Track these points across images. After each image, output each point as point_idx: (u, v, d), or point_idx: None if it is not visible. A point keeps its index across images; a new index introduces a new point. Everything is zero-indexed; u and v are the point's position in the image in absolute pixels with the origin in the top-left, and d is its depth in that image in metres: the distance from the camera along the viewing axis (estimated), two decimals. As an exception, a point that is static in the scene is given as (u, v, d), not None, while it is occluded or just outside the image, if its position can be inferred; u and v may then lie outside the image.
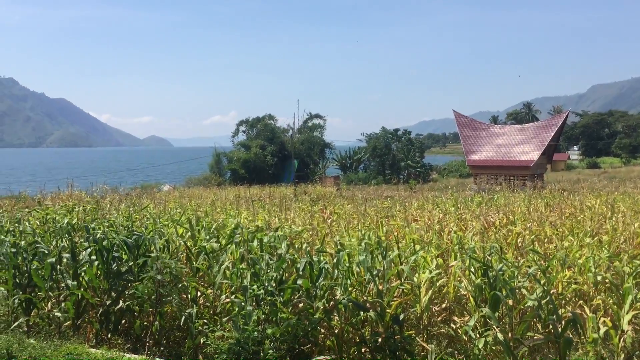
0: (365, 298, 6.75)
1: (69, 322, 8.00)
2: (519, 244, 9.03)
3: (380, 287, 6.50)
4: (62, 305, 7.99)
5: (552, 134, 43.32)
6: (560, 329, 5.70)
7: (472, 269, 6.61)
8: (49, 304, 8.44)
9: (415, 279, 6.87)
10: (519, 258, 7.88)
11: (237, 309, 6.44)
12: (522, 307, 6.10)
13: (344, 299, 6.33)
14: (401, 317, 6.40)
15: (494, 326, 5.75)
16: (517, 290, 6.10)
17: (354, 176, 64.09)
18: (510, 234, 9.63)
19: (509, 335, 5.85)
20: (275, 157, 62.69)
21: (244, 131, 68.44)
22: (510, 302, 5.96)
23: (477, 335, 5.86)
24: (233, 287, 7.12)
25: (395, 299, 6.56)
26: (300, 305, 6.71)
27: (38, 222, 10.38)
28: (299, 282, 6.50)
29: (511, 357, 5.60)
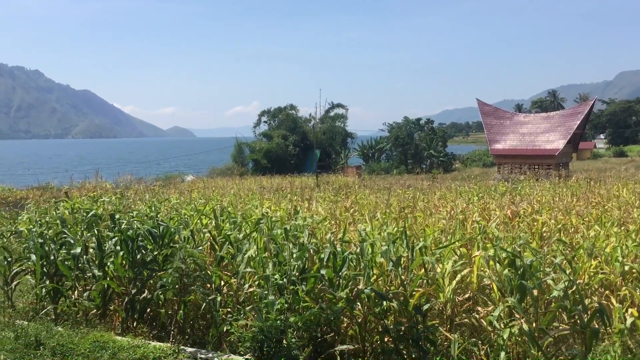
0: (388, 288, 6.73)
1: (95, 311, 8.14)
2: (544, 234, 8.92)
3: (403, 278, 6.48)
4: (89, 294, 8.12)
5: (578, 122, 42.66)
6: (586, 320, 5.63)
7: (498, 259, 6.55)
8: (76, 292, 8.58)
9: (438, 270, 6.84)
10: (544, 248, 7.80)
11: (260, 298, 6.47)
12: (547, 297, 6.03)
13: (366, 288, 6.32)
14: (425, 307, 6.37)
15: (520, 316, 5.70)
16: (543, 282, 6.03)
17: (376, 166, 63.90)
18: (535, 223, 9.52)
19: (534, 325, 5.79)
20: (297, 147, 62.70)
21: (265, 121, 68.56)
22: (536, 292, 5.90)
23: (502, 326, 5.81)
24: (256, 276, 7.16)
25: (418, 289, 6.54)
26: (323, 294, 6.72)
27: (66, 212, 10.53)
28: (322, 271, 6.50)
29: (536, 348, 5.55)
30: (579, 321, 5.71)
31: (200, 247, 8.29)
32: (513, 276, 5.93)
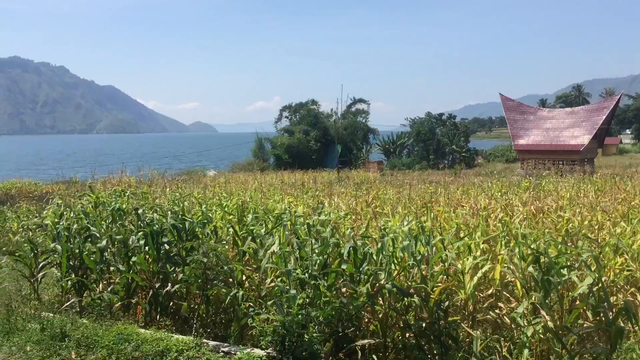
0: (409, 283, 6.71)
1: (119, 304, 8.24)
2: (569, 231, 8.81)
3: (424, 273, 6.44)
4: (113, 287, 8.23)
5: (604, 117, 41.97)
6: (611, 317, 5.55)
7: (522, 256, 6.48)
8: (100, 285, 8.70)
9: (459, 265, 6.79)
10: (569, 244, 7.69)
11: (281, 293, 6.49)
12: (572, 294, 5.96)
13: (387, 284, 6.30)
14: (446, 303, 6.34)
15: (544, 313, 5.63)
16: (567, 277, 5.95)
17: (398, 161, 63.65)
18: (559, 220, 9.41)
19: (558, 323, 5.72)
20: (318, 142, 62.69)
21: (287, 116, 68.66)
22: (560, 289, 5.83)
23: (525, 323, 5.75)
24: (278, 271, 7.19)
25: (439, 284, 6.50)
26: (344, 289, 6.71)
27: (90, 207, 10.67)
28: (343, 266, 6.50)
29: (560, 345, 5.49)
30: (604, 319, 5.63)
31: (224, 242, 8.34)
32: (537, 273, 5.86)
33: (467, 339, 6.47)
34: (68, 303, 8.45)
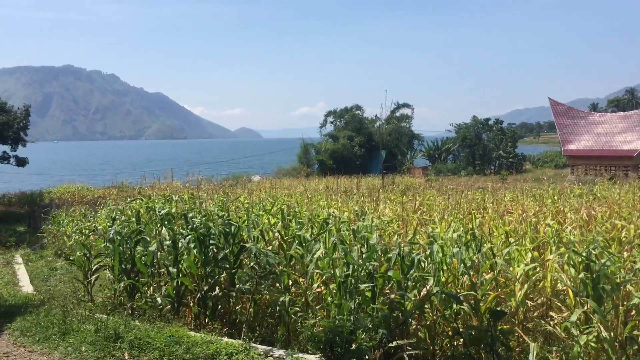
0: (458, 290, 6.62)
1: (169, 306, 8.41)
2: (623, 239, 8.55)
3: (474, 280, 6.36)
4: (163, 290, 8.40)
5: (659, 121, 40.61)
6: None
7: (572, 263, 6.32)
8: (151, 288, 8.90)
9: (509, 272, 6.68)
10: (624, 253, 7.47)
11: (329, 299, 6.50)
12: (628, 304, 5.78)
13: (436, 290, 6.24)
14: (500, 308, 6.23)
15: (598, 323, 5.48)
16: (622, 287, 5.77)
17: (443, 167, 62.94)
18: (613, 227, 9.14)
19: (613, 333, 5.55)
20: (362, 147, 62.61)
21: (331, 122, 68.86)
22: (614, 298, 5.66)
23: (578, 332, 5.61)
24: (325, 276, 7.20)
25: (489, 292, 6.40)
26: (392, 296, 6.68)
27: (141, 211, 10.92)
28: (390, 273, 6.47)
29: (616, 357, 5.33)
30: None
31: (270, 247, 8.42)
32: (588, 281, 5.71)
33: (517, 348, 6.35)
34: (122, 306, 8.68)
